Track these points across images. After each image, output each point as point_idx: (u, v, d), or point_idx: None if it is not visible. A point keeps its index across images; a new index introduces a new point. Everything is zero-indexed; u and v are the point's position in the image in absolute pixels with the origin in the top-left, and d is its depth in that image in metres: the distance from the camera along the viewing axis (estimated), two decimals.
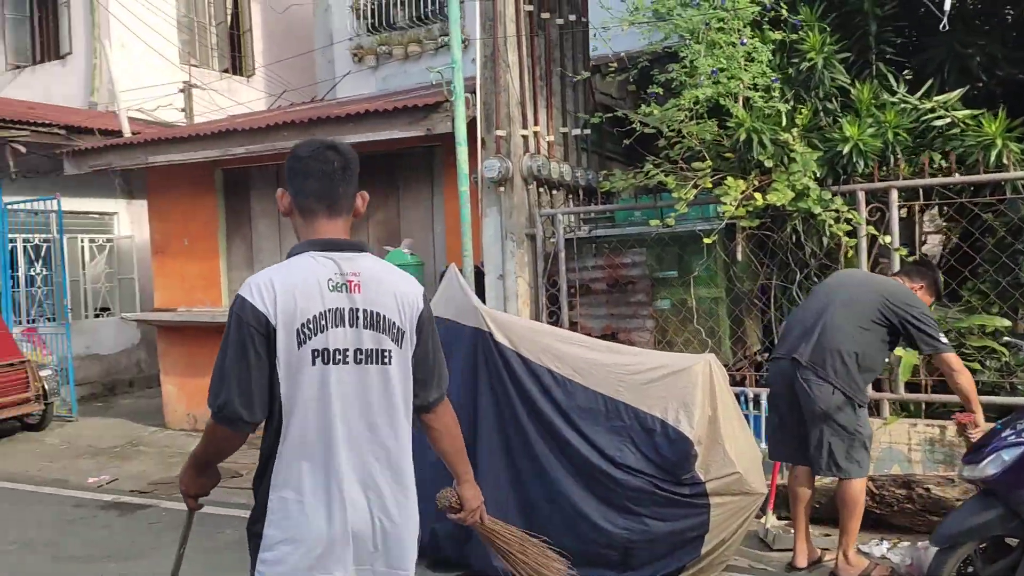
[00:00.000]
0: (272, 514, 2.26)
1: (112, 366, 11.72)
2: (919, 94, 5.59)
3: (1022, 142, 5.09)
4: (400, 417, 2.36)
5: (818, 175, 5.21)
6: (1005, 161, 5.00)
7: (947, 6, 5.20)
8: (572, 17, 7.14)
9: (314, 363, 2.21)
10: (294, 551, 2.23)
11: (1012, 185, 5.12)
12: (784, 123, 5.29)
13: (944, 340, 4.07)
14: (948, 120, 5.38)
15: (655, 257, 6.07)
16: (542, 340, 4.25)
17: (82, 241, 11.44)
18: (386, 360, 2.31)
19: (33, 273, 10.45)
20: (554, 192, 7.07)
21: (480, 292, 6.56)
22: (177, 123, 11.74)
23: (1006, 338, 4.65)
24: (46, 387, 8.84)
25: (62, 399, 9.42)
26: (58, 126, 9.84)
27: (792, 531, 4.56)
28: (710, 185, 5.40)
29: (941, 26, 5.26)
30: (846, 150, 5.17)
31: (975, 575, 3.44)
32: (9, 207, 9.81)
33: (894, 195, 5.21)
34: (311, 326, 2.20)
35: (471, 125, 6.44)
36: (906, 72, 5.97)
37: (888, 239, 5.10)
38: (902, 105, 5.54)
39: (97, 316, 11.71)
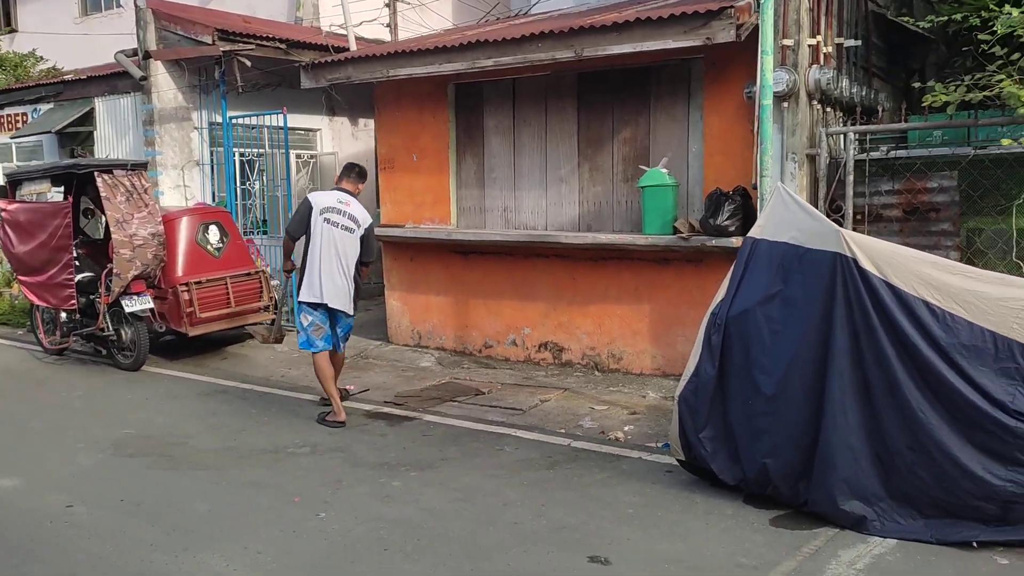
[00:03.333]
0: (304, 281, 6.08)
1: None
2: None
3: None
4: (352, 256, 6.10)
5: None
6: None
7: None
8: None
9: (325, 224, 6.00)
10: (310, 293, 6.04)
11: None
12: None
13: None
14: None
15: (969, 181, 5.48)
16: (916, 267, 3.82)
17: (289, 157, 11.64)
18: (352, 232, 6.08)
19: (247, 187, 10.73)
20: (827, 110, 6.52)
21: (747, 216, 6.16)
22: (380, 40, 11.64)
23: None
24: (276, 297, 9.11)
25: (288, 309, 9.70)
26: (278, 40, 9.88)
27: None
28: None
29: None
30: None
31: None
32: (234, 121, 10.03)
33: None
34: (325, 210, 6.03)
35: (751, 35, 5.93)
36: None
37: None
38: None
39: None
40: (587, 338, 7.59)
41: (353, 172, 6.29)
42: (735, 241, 6.03)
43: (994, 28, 4.88)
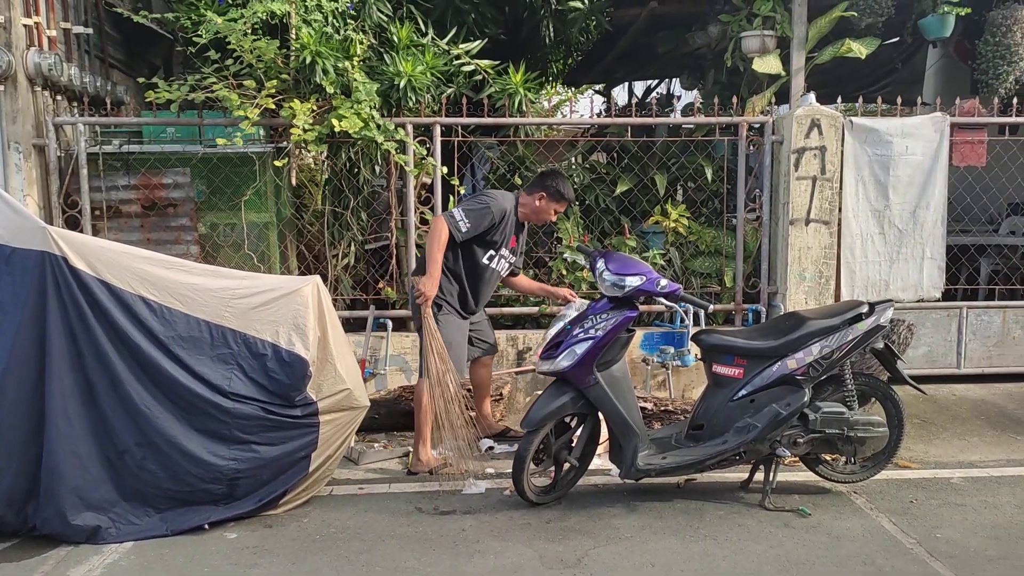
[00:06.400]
0: None
1: None
2: (445, 40, 6.11)
3: (535, 92, 6.01)
4: None
5: (376, 106, 5.45)
6: (525, 108, 5.87)
7: None
8: None
9: None
10: None
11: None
12: (345, 51, 5.38)
13: None
14: (473, 67, 6.03)
15: (202, 178, 5.70)
16: (133, 264, 3.73)
17: None
18: None
19: None
20: (58, 98, 6.07)
21: None
22: None
23: (566, 254, 5.54)
24: None
25: None
26: None
27: (372, 447, 4.88)
28: (273, 105, 5.25)
29: None
30: (402, 84, 5.49)
31: (547, 450, 4.16)
32: None
33: (437, 130, 5.74)
34: None
35: None
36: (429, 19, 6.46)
37: (445, 170, 5.64)
38: (434, 48, 6.04)
39: None
40: None
41: None
42: None
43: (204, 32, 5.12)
